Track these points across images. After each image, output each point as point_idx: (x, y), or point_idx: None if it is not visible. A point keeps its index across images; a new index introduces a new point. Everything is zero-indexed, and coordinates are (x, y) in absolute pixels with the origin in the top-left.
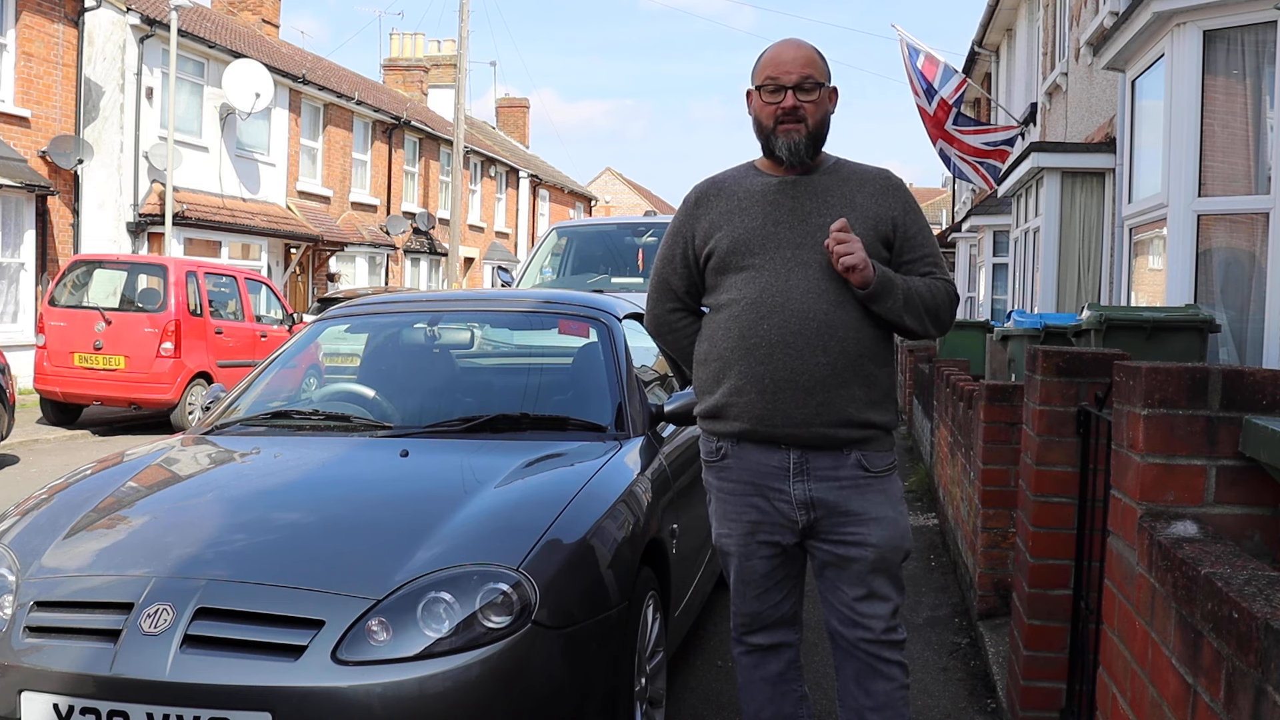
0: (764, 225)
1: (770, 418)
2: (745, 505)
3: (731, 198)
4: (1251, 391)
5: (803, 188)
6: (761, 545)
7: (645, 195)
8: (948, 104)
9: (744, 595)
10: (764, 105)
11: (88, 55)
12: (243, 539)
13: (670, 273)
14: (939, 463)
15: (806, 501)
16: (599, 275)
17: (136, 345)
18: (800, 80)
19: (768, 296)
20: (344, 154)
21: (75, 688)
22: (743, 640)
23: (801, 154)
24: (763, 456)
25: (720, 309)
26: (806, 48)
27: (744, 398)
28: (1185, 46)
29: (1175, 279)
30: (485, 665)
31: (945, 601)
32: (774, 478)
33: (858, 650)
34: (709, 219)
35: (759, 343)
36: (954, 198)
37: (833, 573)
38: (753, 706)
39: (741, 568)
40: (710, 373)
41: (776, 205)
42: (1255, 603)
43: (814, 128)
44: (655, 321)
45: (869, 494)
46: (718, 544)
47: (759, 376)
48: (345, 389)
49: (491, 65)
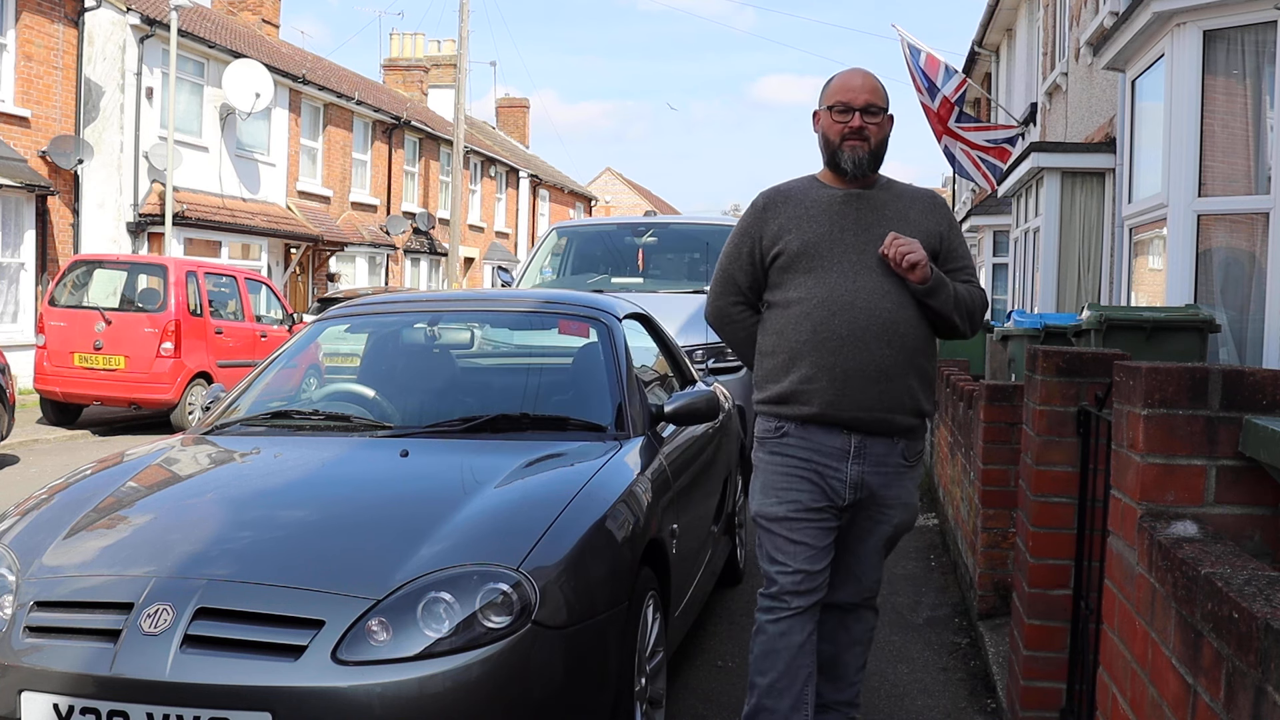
0: (831, 231)
1: (839, 403)
2: (799, 478)
3: (799, 205)
4: (1251, 391)
5: (865, 201)
6: (810, 512)
7: (645, 195)
8: (950, 101)
9: (795, 556)
10: (833, 124)
11: (88, 55)
12: (243, 539)
13: (736, 269)
14: (939, 463)
15: (858, 483)
16: (599, 275)
17: (136, 345)
18: (867, 104)
19: (838, 295)
20: (344, 154)
21: (75, 688)
22: (784, 604)
23: (864, 167)
24: (826, 437)
25: (789, 305)
26: (872, 77)
27: (816, 385)
28: (1185, 46)
29: (1175, 279)
30: (485, 665)
31: (945, 601)
32: (834, 457)
33: (847, 605)
34: (778, 222)
35: (829, 336)
36: (954, 198)
37: (848, 541)
38: (768, 678)
39: (792, 531)
40: (779, 363)
41: (843, 215)
42: (1255, 603)
43: (875, 146)
44: (718, 313)
45: (904, 481)
46: (761, 512)
47: (830, 366)
48: (345, 389)
49: (491, 65)
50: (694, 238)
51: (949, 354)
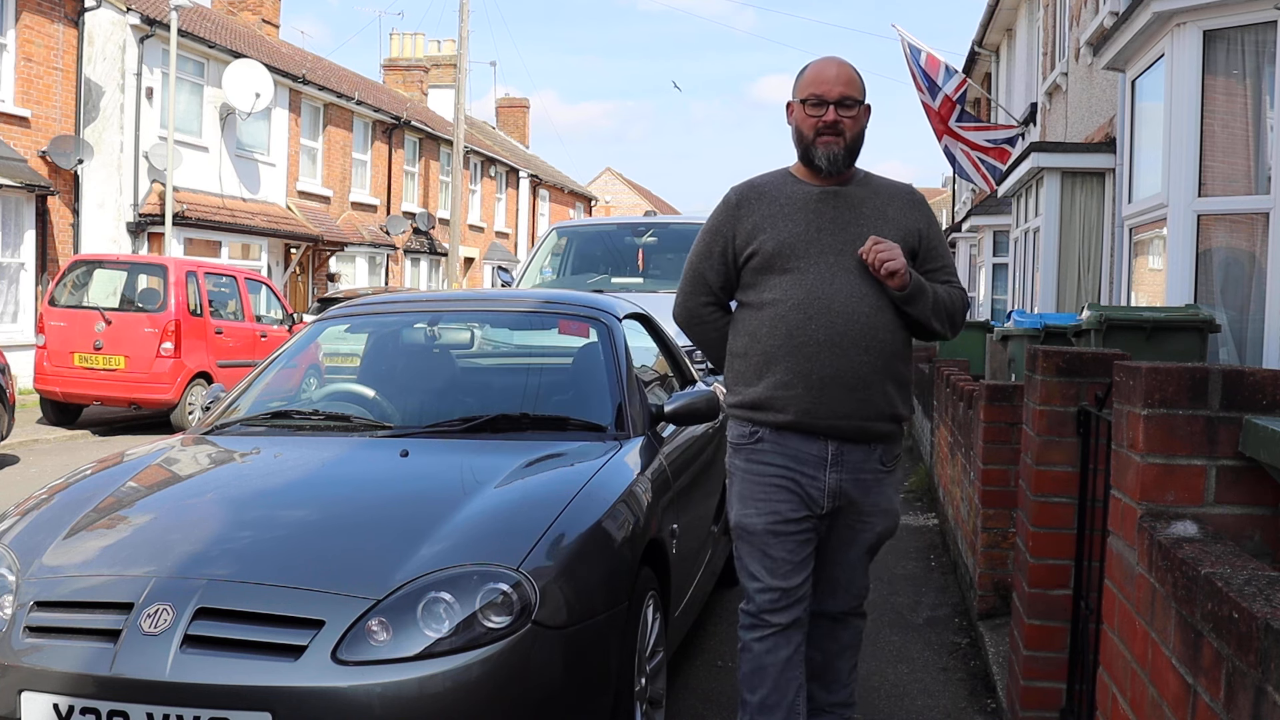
0: (807, 231)
1: (816, 410)
2: (776, 487)
3: (773, 202)
4: (1251, 391)
5: (842, 198)
6: (790, 523)
7: (645, 195)
8: (951, 100)
9: (773, 572)
10: (806, 117)
11: (88, 55)
12: (243, 539)
13: (707, 268)
14: (939, 463)
15: (836, 491)
16: (599, 275)
17: (136, 345)
18: (842, 97)
19: (814, 298)
20: (344, 154)
21: (75, 688)
22: (764, 622)
23: (839, 164)
24: (803, 445)
25: (763, 307)
26: (847, 67)
27: (791, 391)
28: (1185, 46)
29: (1175, 279)
30: (485, 665)
31: (945, 601)
32: (812, 465)
33: (836, 616)
34: (752, 220)
35: (806, 341)
36: (954, 198)
37: (830, 551)
38: (759, 695)
39: (770, 546)
40: (751, 365)
41: (819, 213)
42: (1255, 603)
43: (851, 141)
44: (687, 313)
45: (883, 487)
46: (741, 523)
47: (807, 373)
48: (345, 389)
49: (491, 65)
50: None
51: (949, 354)
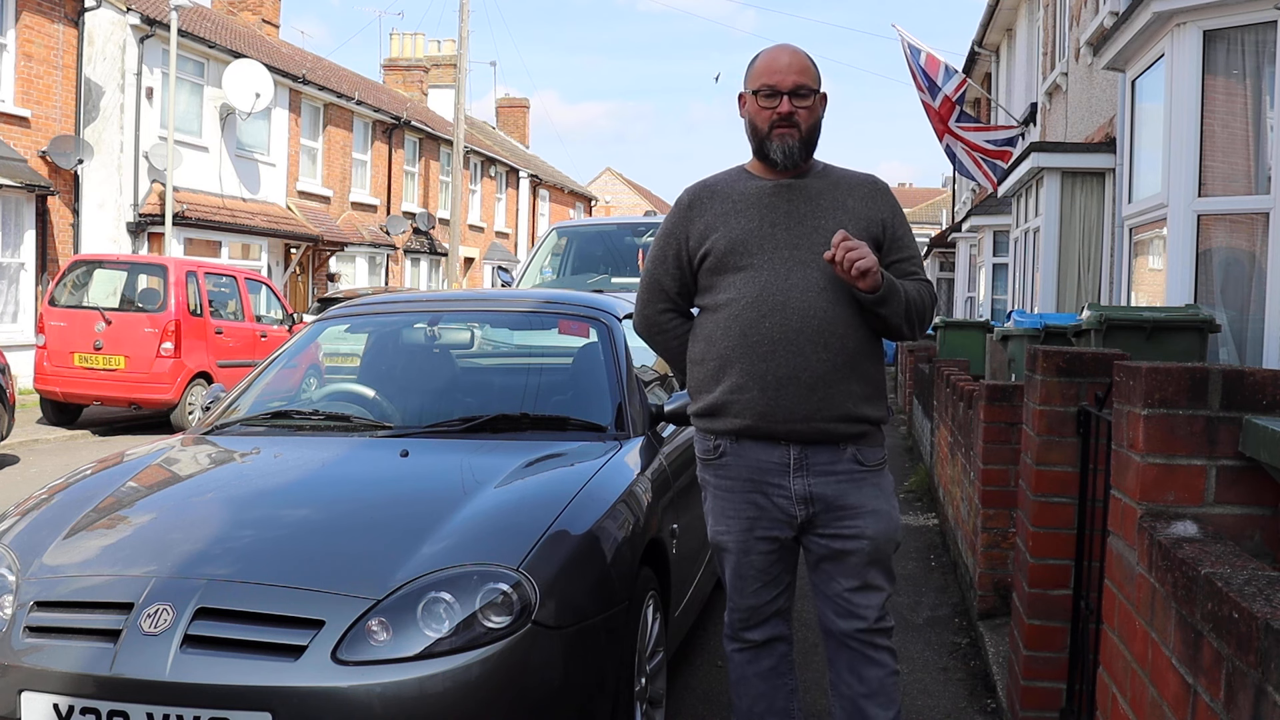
0: (761, 226)
1: (772, 414)
2: (744, 502)
3: (726, 200)
4: (1251, 391)
5: (797, 191)
6: (760, 541)
7: (645, 195)
8: (951, 100)
9: (741, 591)
10: (759, 109)
11: (88, 55)
12: (243, 539)
13: (663, 273)
14: (939, 463)
15: (806, 496)
16: (599, 275)
17: (136, 345)
18: (795, 87)
19: (768, 295)
20: (344, 154)
21: (75, 688)
22: (738, 637)
23: (795, 157)
24: (763, 453)
25: (718, 308)
26: (800, 55)
27: (746, 394)
28: (1185, 46)
29: (1175, 279)
30: (485, 665)
31: (945, 601)
32: (774, 473)
33: (851, 640)
34: (704, 220)
35: (760, 340)
36: (954, 198)
37: (829, 566)
38: (745, 702)
39: (739, 564)
40: (708, 371)
41: (773, 208)
42: (1255, 603)
43: (806, 133)
44: (645, 322)
45: (864, 488)
46: (714, 540)
47: (761, 374)
48: (345, 389)
49: (491, 65)
50: None
51: (949, 354)
